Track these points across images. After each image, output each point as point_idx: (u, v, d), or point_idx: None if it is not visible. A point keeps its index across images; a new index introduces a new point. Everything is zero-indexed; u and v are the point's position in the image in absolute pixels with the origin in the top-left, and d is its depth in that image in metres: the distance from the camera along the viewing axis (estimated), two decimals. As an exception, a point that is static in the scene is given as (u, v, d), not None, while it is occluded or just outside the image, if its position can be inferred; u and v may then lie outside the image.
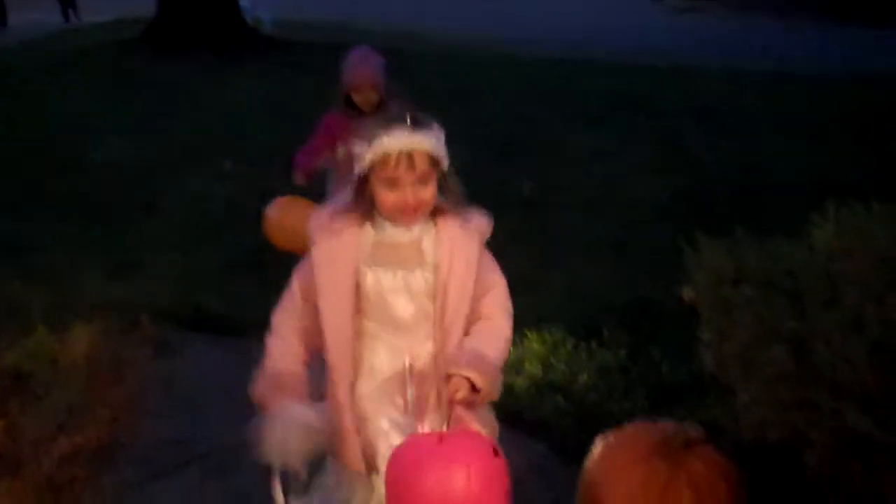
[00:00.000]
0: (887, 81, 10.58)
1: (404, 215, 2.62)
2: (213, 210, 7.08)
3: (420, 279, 2.65)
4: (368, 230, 2.67)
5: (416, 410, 2.63)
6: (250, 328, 5.37)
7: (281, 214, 4.93)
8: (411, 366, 2.62)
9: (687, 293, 3.33)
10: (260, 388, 2.71)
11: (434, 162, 2.58)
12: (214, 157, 8.31)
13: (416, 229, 2.66)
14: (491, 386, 2.58)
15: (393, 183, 2.56)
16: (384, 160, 2.54)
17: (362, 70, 5.00)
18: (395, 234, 2.66)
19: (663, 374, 4.47)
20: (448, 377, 2.54)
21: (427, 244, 2.67)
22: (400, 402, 2.66)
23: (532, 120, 9.49)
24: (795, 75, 11.88)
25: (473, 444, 2.33)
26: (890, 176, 6.75)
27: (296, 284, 2.75)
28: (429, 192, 2.60)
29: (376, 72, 4.99)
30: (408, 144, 2.52)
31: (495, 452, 2.29)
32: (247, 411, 2.67)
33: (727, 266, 3.12)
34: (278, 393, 2.63)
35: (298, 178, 4.96)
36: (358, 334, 2.69)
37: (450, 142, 2.63)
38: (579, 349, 4.73)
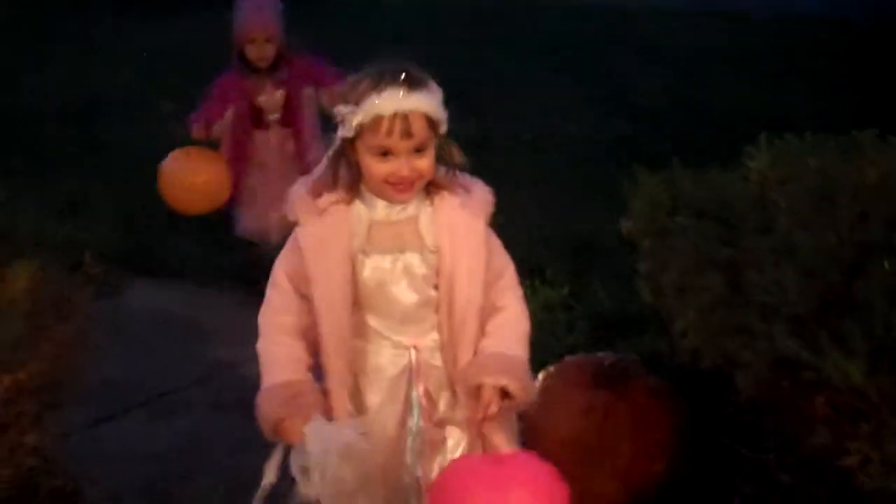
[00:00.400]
0: (815, 21, 10.67)
1: (397, 190, 2.29)
2: (156, 152, 7.00)
3: (419, 263, 2.35)
4: (359, 208, 2.35)
5: (424, 412, 2.40)
6: (193, 270, 5.40)
7: (179, 169, 4.44)
8: (417, 362, 2.40)
9: (625, 226, 3.40)
10: (270, 408, 2.30)
11: (432, 126, 2.26)
12: (159, 99, 8.20)
13: (412, 206, 2.35)
14: (525, 390, 2.33)
15: (385, 151, 2.24)
16: (375, 125, 2.21)
17: (255, 18, 4.35)
18: (389, 211, 2.34)
19: (605, 309, 4.56)
20: (478, 388, 2.29)
21: (424, 224, 2.36)
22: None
23: (476, 60, 9.47)
24: (729, 13, 11.95)
25: (536, 469, 2.16)
26: (822, 108, 6.91)
27: (281, 275, 2.41)
28: (426, 163, 2.28)
29: (272, 20, 4.34)
30: (403, 106, 2.19)
31: (557, 477, 2.14)
32: (192, 351, 2.66)
33: (663, 196, 3.19)
34: (296, 410, 2.26)
35: (196, 131, 4.48)
36: (358, 331, 2.41)
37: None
38: (523, 287, 4.78)
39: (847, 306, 2.53)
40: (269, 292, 2.43)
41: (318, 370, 2.46)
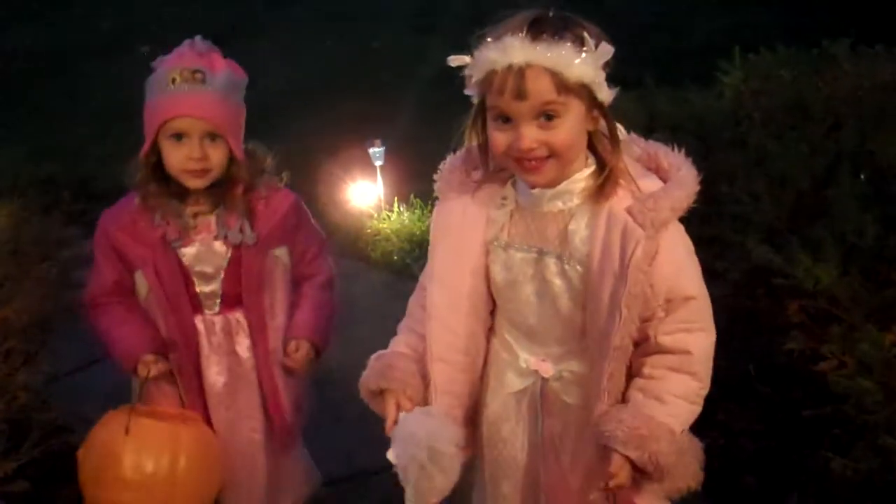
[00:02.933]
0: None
1: (522, 168, 1.76)
2: (135, 95, 6.97)
3: (556, 271, 1.83)
4: (510, 191, 1.88)
5: (545, 452, 1.95)
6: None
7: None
8: (543, 393, 1.92)
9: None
10: (367, 374, 1.96)
11: (567, 88, 1.68)
12: (134, 42, 8.14)
13: (573, 197, 1.80)
14: (659, 470, 1.75)
15: (504, 116, 1.73)
16: (487, 81, 1.72)
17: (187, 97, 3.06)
18: (538, 199, 1.83)
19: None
20: (608, 452, 1.76)
21: (579, 224, 1.80)
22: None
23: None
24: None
25: None
26: (796, 23, 6.87)
27: (430, 248, 1.98)
28: (559, 135, 1.70)
29: (220, 100, 2.33)
30: (517, 58, 1.66)
31: None
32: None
33: (639, 113, 3.20)
34: (390, 384, 1.91)
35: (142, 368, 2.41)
36: (494, 331, 1.99)
37: (361, 17, 2.22)
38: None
39: (818, 213, 2.57)
40: (427, 265, 1.99)
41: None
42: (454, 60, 1.76)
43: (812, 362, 2.46)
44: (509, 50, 1.66)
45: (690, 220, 2.86)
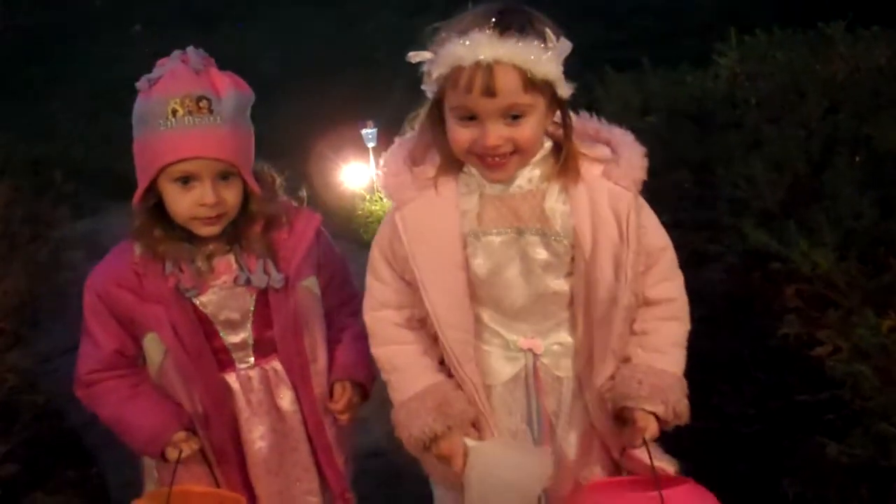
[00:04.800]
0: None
1: (486, 165, 1.75)
2: (125, 75, 6.94)
3: (539, 248, 1.82)
4: (469, 179, 1.83)
5: (543, 429, 1.92)
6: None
7: None
8: (535, 369, 1.90)
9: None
10: (417, 426, 1.82)
11: (534, 86, 1.67)
12: (124, 22, 8.10)
13: (535, 177, 1.82)
14: (679, 416, 1.83)
15: (469, 114, 1.70)
16: (453, 77, 1.68)
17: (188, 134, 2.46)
18: (504, 184, 1.82)
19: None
20: (629, 412, 1.81)
21: (553, 201, 1.82)
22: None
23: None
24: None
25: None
26: (791, 4, 6.84)
27: (380, 261, 1.90)
28: (524, 132, 1.71)
29: (231, 135, 2.08)
30: (486, 54, 1.63)
31: None
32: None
33: (634, 96, 3.18)
34: (449, 423, 1.81)
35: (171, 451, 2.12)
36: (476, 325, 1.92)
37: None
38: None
39: (815, 197, 2.55)
40: (370, 282, 1.92)
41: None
42: (414, 56, 1.72)
43: (807, 347, 2.44)
44: (477, 46, 1.63)
45: (685, 204, 2.88)
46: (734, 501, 2.62)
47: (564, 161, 1.78)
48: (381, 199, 5.20)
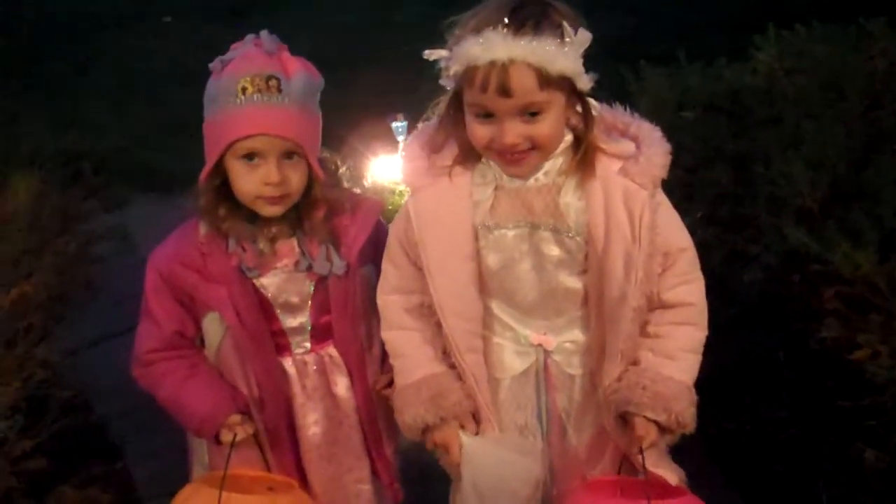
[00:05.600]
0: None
1: (505, 160, 1.75)
2: (155, 67, 6.94)
3: (552, 244, 1.80)
4: (484, 170, 1.83)
5: (552, 426, 1.92)
6: (193, 185, 5.39)
7: None
8: (546, 365, 1.89)
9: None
10: (411, 414, 1.87)
11: (550, 83, 1.65)
12: (153, 13, 8.11)
13: (552, 171, 1.79)
14: (683, 426, 1.81)
15: (486, 112, 1.70)
16: (468, 76, 1.67)
17: (257, 111, 2.30)
18: (515, 180, 1.82)
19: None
20: (628, 418, 1.80)
21: (568, 196, 1.79)
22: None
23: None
24: None
25: None
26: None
27: (396, 246, 1.91)
28: (542, 129, 1.69)
29: (300, 114, 2.10)
30: (500, 54, 1.61)
31: None
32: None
33: (669, 91, 3.13)
34: (443, 415, 1.84)
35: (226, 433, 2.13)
36: (482, 320, 1.91)
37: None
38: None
39: (855, 196, 2.50)
40: (385, 266, 1.94)
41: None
42: (431, 54, 1.73)
43: (847, 351, 2.40)
44: (491, 45, 1.61)
45: (723, 202, 2.83)
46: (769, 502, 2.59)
47: (583, 155, 1.76)
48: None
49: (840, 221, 2.44)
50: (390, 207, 5.16)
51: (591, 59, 1.67)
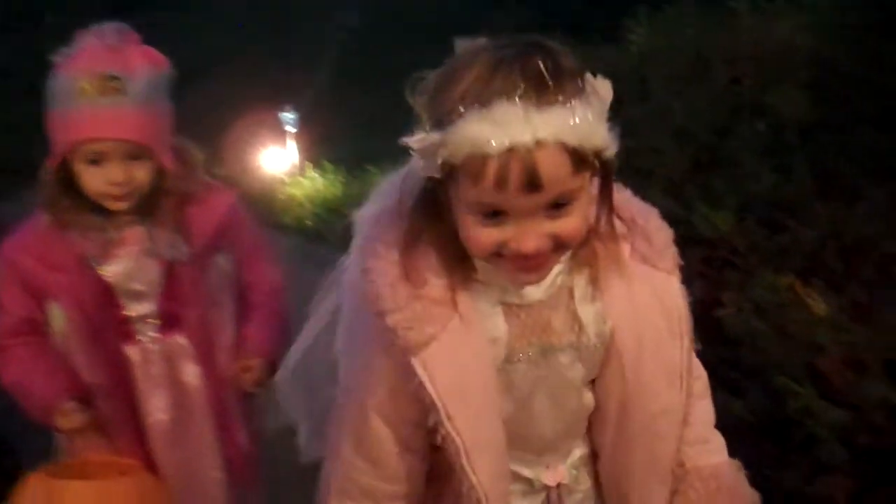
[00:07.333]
0: None
1: (518, 268, 1.22)
2: (44, 66, 6.84)
3: (571, 363, 1.35)
4: (488, 293, 1.29)
5: None
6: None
7: None
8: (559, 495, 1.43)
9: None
10: None
11: (583, 162, 1.12)
12: (35, 13, 7.96)
13: (558, 274, 1.28)
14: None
15: (489, 210, 1.16)
16: (473, 167, 1.12)
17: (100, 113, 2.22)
18: (524, 291, 1.29)
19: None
20: None
21: (583, 303, 1.33)
22: None
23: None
24: None
25: None
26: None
27: (374, 418, 1.34)
28: (571, 223, 1.18)
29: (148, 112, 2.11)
30: (525, 137, 1.09)
31: None
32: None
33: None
34: None
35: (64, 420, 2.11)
36: None
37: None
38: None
39: (718, 164, 2.61)
40: (348, 445, 1.37)
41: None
42: (415, 142, 1.16)
43: (711, 308, 2.49)
44: (508, 125, 1.10)
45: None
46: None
47: (602, 244, 1.29)
48: (300, 182, 5.20)
49: (703, 188, 2.54)
50: (280, 197, 5.18)
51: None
